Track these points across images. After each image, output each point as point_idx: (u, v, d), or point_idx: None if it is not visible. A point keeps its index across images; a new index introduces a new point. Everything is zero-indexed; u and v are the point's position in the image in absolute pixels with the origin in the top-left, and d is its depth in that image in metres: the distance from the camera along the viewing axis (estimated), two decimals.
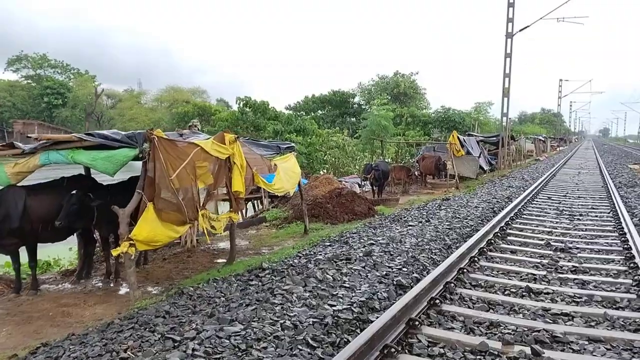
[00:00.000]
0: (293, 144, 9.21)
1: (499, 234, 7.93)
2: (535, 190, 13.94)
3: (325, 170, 23.97)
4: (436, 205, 10.88)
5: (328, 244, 7.55)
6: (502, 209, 10.24)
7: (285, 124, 20.02)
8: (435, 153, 21.55)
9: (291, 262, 6.06)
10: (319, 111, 46.62)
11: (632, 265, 6.21)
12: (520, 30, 24.77)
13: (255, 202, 15.62)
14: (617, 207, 10.63)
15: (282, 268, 5.83)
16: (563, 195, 13.51)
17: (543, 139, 50.28)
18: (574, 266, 6.29)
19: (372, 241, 7.01)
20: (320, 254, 6.51)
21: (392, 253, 5.74)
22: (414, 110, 37.19)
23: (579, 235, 8.22)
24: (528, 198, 12.21)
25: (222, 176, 6.76)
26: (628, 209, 10.65)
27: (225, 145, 6.74)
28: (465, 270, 5.73)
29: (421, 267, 5.66)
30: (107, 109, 60.29)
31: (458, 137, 21.70)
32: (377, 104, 28.56)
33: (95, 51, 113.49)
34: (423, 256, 5.96)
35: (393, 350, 3.59)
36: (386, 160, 17.38)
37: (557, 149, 56.78)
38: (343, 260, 5.75)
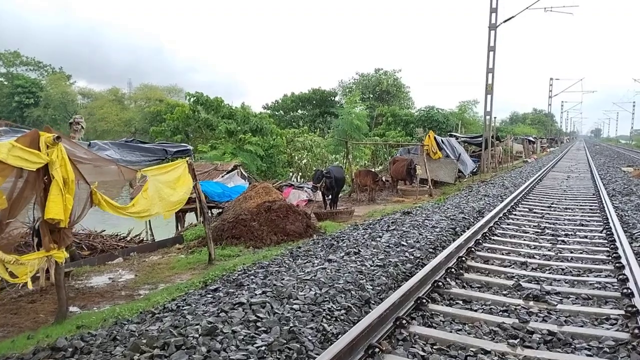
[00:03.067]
0: (189, 147, 7.00)
1: (453, 269, 5.81)
2: (516, 200, 11.87)
3: (291, 174, 21.85)
4: (389, 222, 8.76)
5: (214, 287, 5.42)
6: (468, 228, 8.14)
7: (241, 123, 17.85)
8: (410, 156, 19.49)
9: (116, 334, 3.88)
10: (299, 110, 44.47)
11: (636, 329, 4.11)
12: (505, 22, 22.81)
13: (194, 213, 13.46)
14: (611, 225, 8.57)
15: (90, 343, 3.67)
16: (547, 206, 11.45)
17: (533, 140, 48.45)
18: (549, 332, 4.18)
19: (256, 292, 4.85)
20: (187, 313, 4.37)
21: (258, 326, 3.59)
22: (395, 109, 35.12)
23: (562, 270, 6.12)
24: (505, 211, 10.13)
25: (26, 197, 4.56)
26: (625, 227, 8.58)
27: (38, 151, 4.55)
28: None
29: None
30: (80, 109, 57.72)
31: (435, 138, 19.68)
32: (351, 102, 26.47)
33: (86, 49, 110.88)
34: (308, 330, 3.69)
35: None
36: (340, 165, 15.30)
37: (547, 150, 55.02)
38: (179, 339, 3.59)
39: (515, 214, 10.30)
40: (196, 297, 5.10)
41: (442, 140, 20.44)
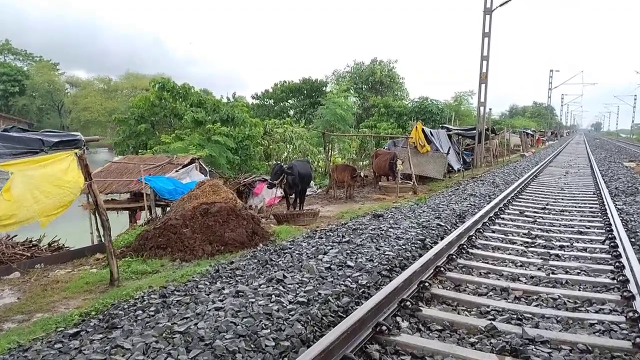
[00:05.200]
0: (78, 136, 5.43)
1: (409, 301, 4.38)
2: (506, 200, 10.43)
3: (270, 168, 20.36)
4: (350, 228, 7.32)
5: (74, 332, 3.99)
6: (442, 238, 6.70)
7: (210, 112, 16.33)
8: (396, 149, 18.01)
9: None
10: (289, 100, 42.86)
11: None
12: (501, 5, 21.21)
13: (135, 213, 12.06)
14: (615, 234, 7.13)
15: None
16: (541, 208, 10.00)
17: (532, 133, 46.93)
18: None
19: (124, 344, 3.43)
20: None
21: None
22: (388, 100, 33.55)
23: (553, 301, 4.69)
24: (491, 214, 8.69)
25: None
26: (632, 237, 7.15)
27: None
28: None
29: None
30: (65, 98, 56.04)
31: (423, 130, 18.20)
32: (339, 92, 24.92)
33: (85, 40, 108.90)
34: None
35: None
36: (307, 159, 13.82)
37: (546, 143, 53.52)
38: None
39: (503, 218, 8.85)
40: (45, 346, 3.66)
41: (431, 132, 18.96)
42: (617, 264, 5.84)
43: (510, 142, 40.03)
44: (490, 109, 26.67)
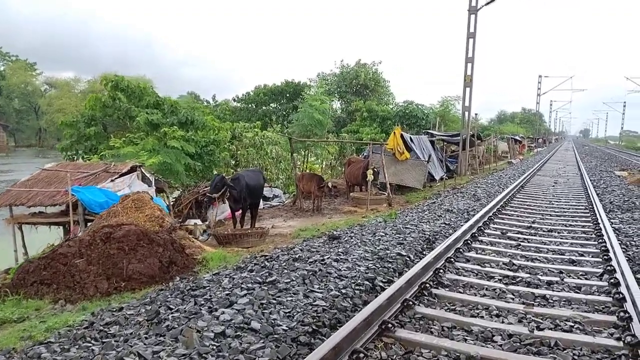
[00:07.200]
0: None
1: None
2: (487, 217, 9.07)
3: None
4: (287, 260, 5.88)
5: None
6: (401, 274, 5.30)
7: (168, 114, 14.84)
8: (374, 156, 16.61)
9: None
10: (272, 104, 41.42)
11: None
12: (487, 4, 19.98)
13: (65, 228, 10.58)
14: (615, 267, 5.78)
15: None
16: (527, 227, 8.65)
17: (520, 139, 45.88)
18: None
19: None
20: None
21: None
22: (372, 104, 32.24)
23: None
24: (467, 237, 7.31)
25: None
26: (637, 268, 5.80)
27: None
28: None
29: None
30: (40, 99, 54.05)
31: (402, 136, 16.85)
32: (319, 95, 23.54)
33: (75, 41, 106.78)
34: None
35: None
36: (259, 169, 12.37)
37: (535, 149, 52.59)
38: None
39: (481, 241, 7.47)
40: None
41: (411, 138, 17.60)
42: (621, 313, 4.48)
43: (498, 148, 38.95)
44: (476, 114, 25.49)
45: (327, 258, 5.60)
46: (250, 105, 41.28)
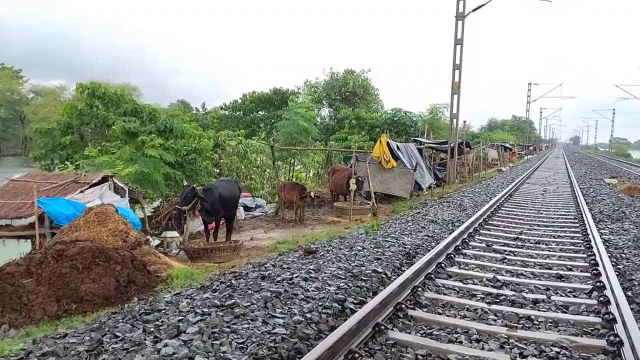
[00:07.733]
0: None
1: None
2: (473, 228, 8.70)
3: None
4: (255, 279, 5.44)
5: None
6: (376, 292, 4.89)
7: (146, 122, 14.37)
8: (359, 164, 16.24)
9: None
10: (260, 112, 41.02)
11: None
12: (474, 10, 19.78)
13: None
14: (605, 283, 5.40)
15: None
16: (514, 239, 8.29)
17: (510, 147, 45.80)
18: None
19: None
20: None
21: None
22: (360, 111, 31.94)
23: None
24: (450, 250, 6.92)
25: None
26: (628, 285, 5.45)
27: None
28: None
29: None
30: (25, 107, 53.21)
31: (389, 144, 16.51)
32: (306, 103, 23.20)
33: (67, 48, 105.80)
34: None
35: None
36: (235, 179, 11.95)
37: (525, 157, 52.57)
38: None
39: (465, 254, 7.09)
40: None
41: (397, 146, 17.27)
42: (611, 337, 4.10)
43: (488, 156, 38.76)
44: (464, 122, 25.22)
45: (296, 277, 5.17)
46: (237, 113, 40.87)
